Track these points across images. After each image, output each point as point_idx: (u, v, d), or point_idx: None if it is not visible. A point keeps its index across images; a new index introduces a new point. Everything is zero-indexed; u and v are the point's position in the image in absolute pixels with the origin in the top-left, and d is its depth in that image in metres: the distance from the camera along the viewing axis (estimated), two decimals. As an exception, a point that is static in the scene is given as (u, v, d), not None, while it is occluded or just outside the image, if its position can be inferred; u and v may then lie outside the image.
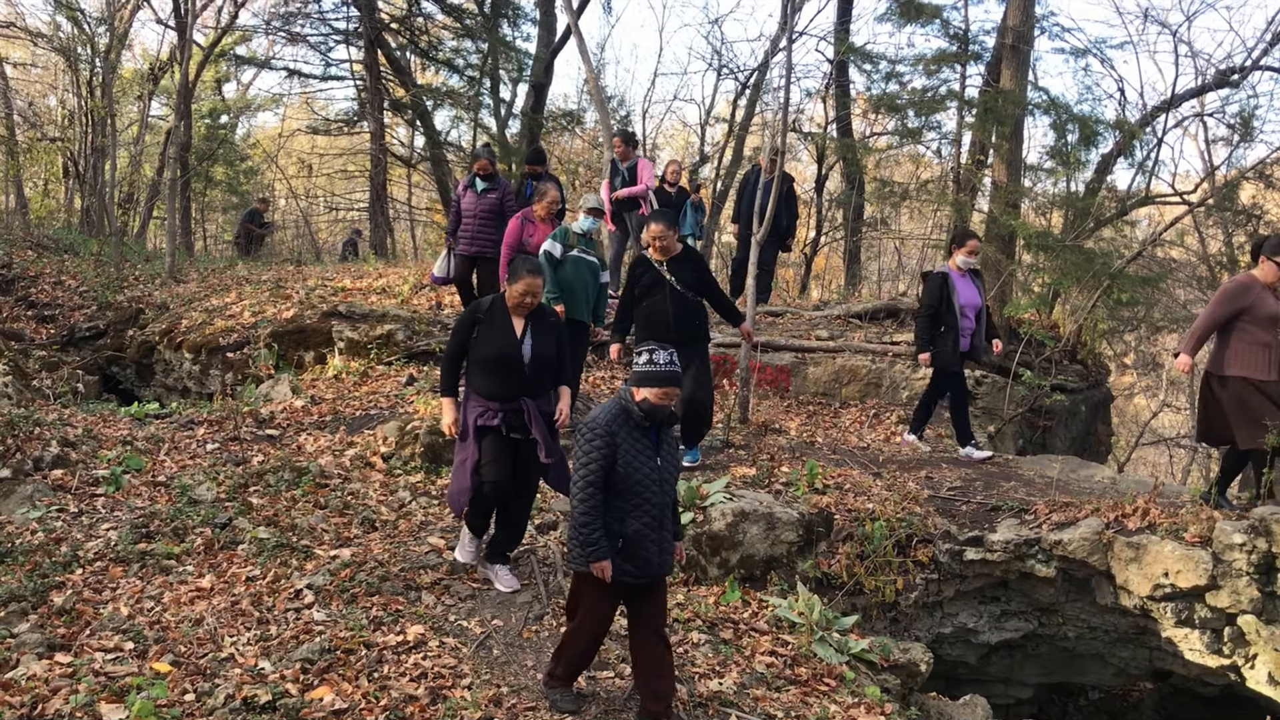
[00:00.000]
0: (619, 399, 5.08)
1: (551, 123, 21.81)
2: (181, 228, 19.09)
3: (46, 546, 6.27)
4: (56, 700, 4.56)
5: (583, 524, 4.91)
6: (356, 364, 10.91)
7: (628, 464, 4.94)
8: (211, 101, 26.28)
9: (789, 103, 11.63)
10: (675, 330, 7.99)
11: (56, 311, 13.44)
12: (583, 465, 4.93)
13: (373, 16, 19.73)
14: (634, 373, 5.07)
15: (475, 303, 6.25)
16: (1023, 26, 12.02)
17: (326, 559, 6.39)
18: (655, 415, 5.02)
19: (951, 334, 9.15)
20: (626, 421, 5.00)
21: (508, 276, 6.16)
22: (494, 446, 6.04)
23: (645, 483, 4.97)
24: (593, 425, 4.98)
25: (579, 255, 8.67)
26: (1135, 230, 16.56)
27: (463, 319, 6.23)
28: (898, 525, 7.63)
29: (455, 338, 6.22)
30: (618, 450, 4.92)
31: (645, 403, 4.99)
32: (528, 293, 6.08)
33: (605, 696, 5.31)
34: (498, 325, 6.11)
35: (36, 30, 22.41)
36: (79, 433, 8.43)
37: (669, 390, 5.01)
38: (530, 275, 6.09)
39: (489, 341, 6.07)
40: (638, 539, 4.95)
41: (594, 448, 4.92)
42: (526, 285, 6.07)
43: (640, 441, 5.01)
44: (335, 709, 4.72)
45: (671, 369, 5.02)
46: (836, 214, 21.02)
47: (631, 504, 4.96)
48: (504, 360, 6.05)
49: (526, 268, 6.09)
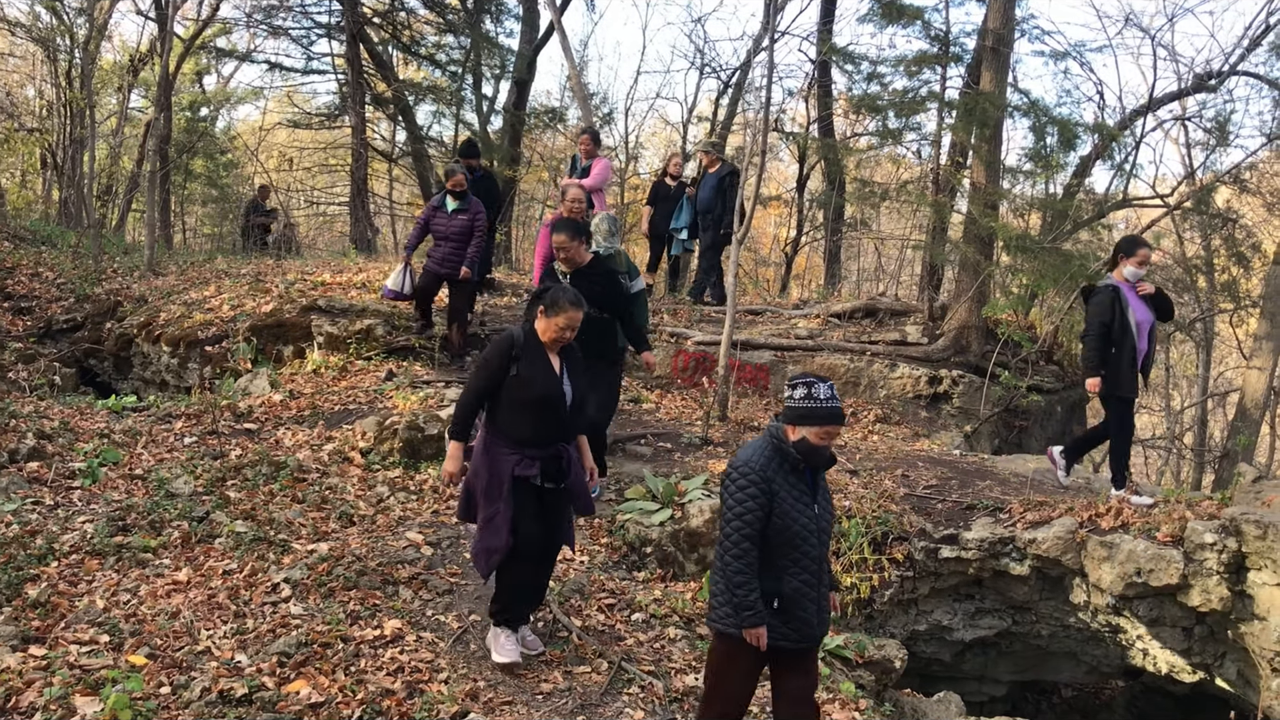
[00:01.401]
0: (771, 438, 4.50)
1: (534, 119, 21.78)
2: (161, 221, 18.97)
3: (21, 539, 6.24)
4: (30, 693, 4.55)
5: (738, 584, 4.33)
6: (335, 359, 10.88)
7: (784, 513, 4.37)
8: (191, 94, 26.09)
9: (770, 102, 11.67)
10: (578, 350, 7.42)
11: (33, 303, 13.34)
12: (736, 516, 4.35)
13: (355, 11, 19.65)
14: (788, 409, 4.49)
15: (509, 335, 5.44)
16: (1003, 29, 12.07)
17: (304, 553, 6.39)
18: (815, 457, 4.45)
19: (1125, 356, 7.85)
20: (782, 464, 4.44)
21: (545, 307, 5.42)
22: (530, 499, 5.39)
23: (803, 534, 4.41)
24: (744, 469, 4.41)
25: None
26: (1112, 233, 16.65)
27: (498, 353, 5.40)
28: (874, 523, 7.69)
29: (485, 374, 5.40)
30: (774, 498, 4.37)
31: (803, 443, 4.42)
32: (568, 327, 5.40)
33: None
34: (536, 362, 5.39)
35: (15, 20, 22.22)
36: (55, 425, 8.39)
37: (831, 429, 4.46)
38: (573, 308, 5.40)
39: (528, 381, 5.34)
40: (795, 598, 4.41)
41: (748, 495, 4.35)
42: (568, 319, 5.39)
43: (797, 487, 4.45)
44: (312, 703, 4.73)
45: (834, 405, 4.43)
46: (817, 214, 21.08)
47: (789, 558, 4.41)
48: (546, 402, 5.36)
49: (568, 299, 5.42)
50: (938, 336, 12.25)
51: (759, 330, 12.72)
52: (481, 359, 5.50)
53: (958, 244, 13.21)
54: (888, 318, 13.00)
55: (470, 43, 20.56)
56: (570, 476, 5.50)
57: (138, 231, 24.23)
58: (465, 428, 5.47)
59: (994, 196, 12.26)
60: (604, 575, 6.81)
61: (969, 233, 12.49)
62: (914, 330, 12.48)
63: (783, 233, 24.36)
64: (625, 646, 5.91)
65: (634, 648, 5.95)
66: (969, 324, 12.09)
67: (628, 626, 6.20)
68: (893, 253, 24.12)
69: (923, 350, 12.06)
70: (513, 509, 5.30)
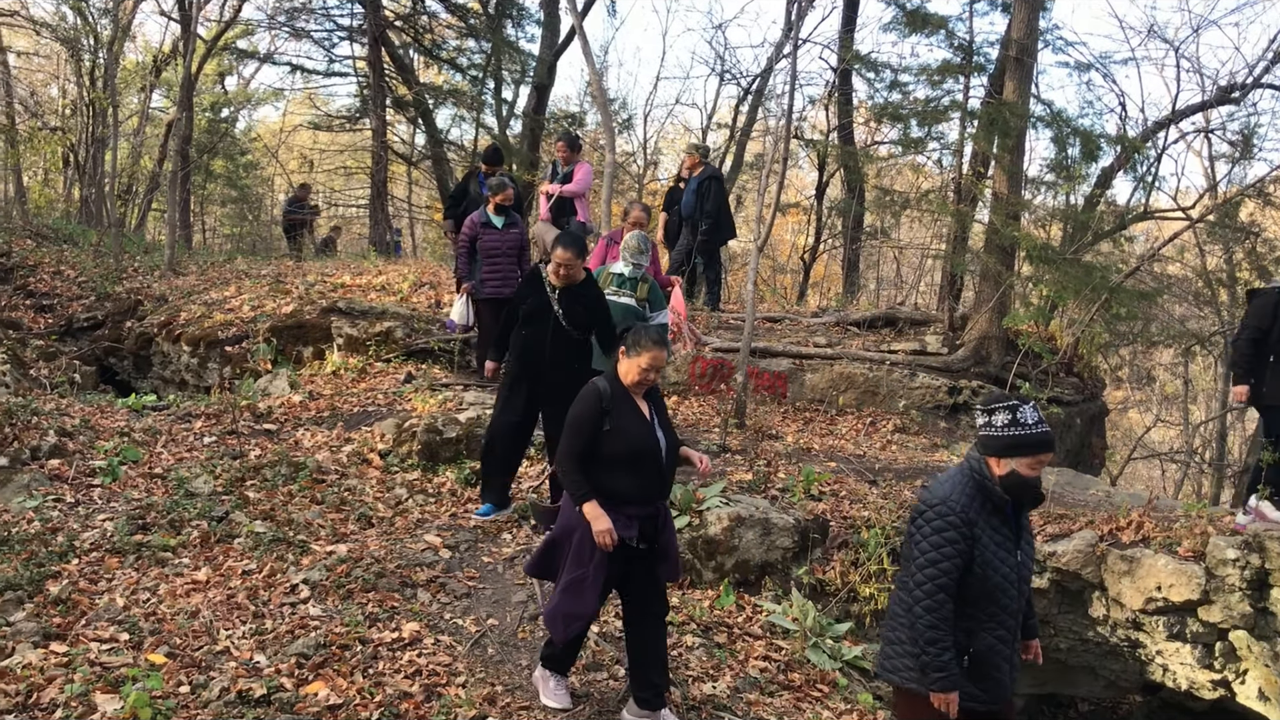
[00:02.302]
0: (970, 472, 3.96)
1: (553, 124, 21.81)
2: (181, 220, 19.05)
3: (43, 536, 6.28)
4: (52, 689, 4.56)
5: (930, 640, 3.83)
6: (355, 360, 10.91)
7: (985, 561, 3.85)
8: (213, 95, 26.24)
9: (793, 109, 11.65)
10: (550, 369, 6.91)
11: (55, 301, 13.42)
12: (930, 563, 3.84)
13: (377, 14, 19.71)
14: (989, 439, 3.95)
15: (595, 389, 4.96)
16: (1027, 39, 12.03)
17: (323, 554, 6.39)
18: (1026, 493, 3.91)
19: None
20: (984, 504, 3.91)
21: (627, 348, 5.01)
22: (618, 562, 4.93)
23: (1004, 585, 3.89)
24: (943, 508, 3.88)
25: (611, 299, 7.59)
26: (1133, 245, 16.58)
27: (588, 409, 4.91)
28: (893, 534, 7.65)
29: (581, 434, 4.88)
30: (975, 543, 3.84)
31: (1012, 477, 3.87)
32: (652, 367, 4.94)
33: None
34: (627, 412, 4.94)
35: (41, 20, 22.38)
36: (76, 423, 8.43)
37: (1044, 458, 3.93)
38: (657, 346, 4.96)
39: (624, 433, 4.88)
40: (989, 656, 3.92)
41: (947, 540, 3.83)
42: (652, 359, 4.94)
43: (1000, 530, 3.92)
44: (330, 704, 4.73)
45: (1045, 430, 3.91)
46: (836, 222, 21.05)
47: (985, 612, 3.90)
48: (644, 455, 4.92)
49: (651, 337, 4.98)
50: (958, 346, 12.20)
51: (777, 337, 12.69)
52: (572, 418, 4.95)
53: (979, 254, 13.15)
54: (907, 327, 12.96)
55: (491, 47, 20.61)
56: (665, 536, 5.07)
57: (158, 231, 24.39)
58: (588, 486, 4.85)
59: (1016, 206, 12.21)
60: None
61: (990, 243, 12.43)
62: (934, 340, 12.43)
63: (801, 240, 24.31)
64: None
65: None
66: (989, 334, 12.03)
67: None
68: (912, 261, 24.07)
69: (942, 360, 12.01)
70: (604, 573, 4.85)
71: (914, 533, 3.97)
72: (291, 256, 17.51)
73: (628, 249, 7.87)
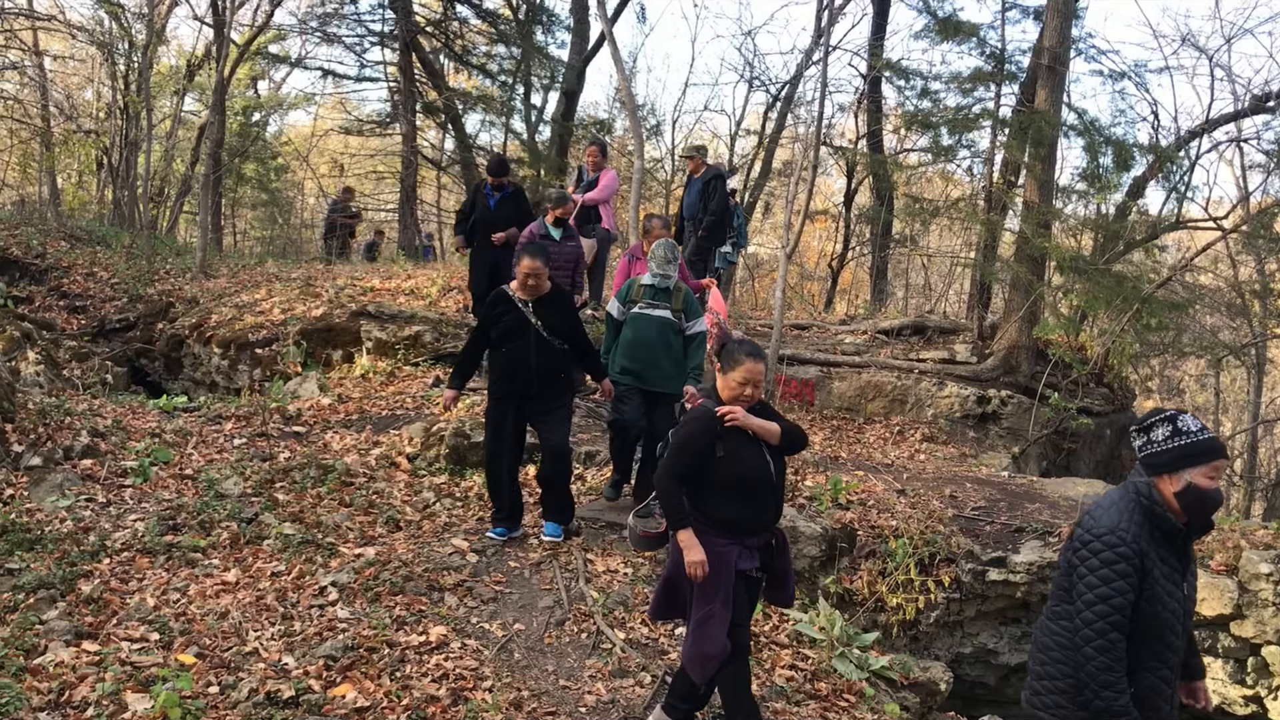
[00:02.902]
0: (1137, 497, 3.60)
1: (582, 130, 21.86)
2: (212, 223, 19.21)
3: (75, 535, 6.33)
4: (83, 688, 4.60)
5: (1104, 684, 3.47)
6: (384, 364, 10.96)
7: (1154, 597, 3.49)
8: (245, 99, 26.46)
9: (823, 116, 11.62)
10: (538, 384, 6.74)
11: (88, 303, 13.55)
12: (1101, 599, 3.47)
13: (408, 20, 19.81)
14: (1154, 455, 3.60)
15: (707, 411, 4.68)
16: (1059, 48, 11.97)
17: (351, 557, 6.42)
18: (1206, 507, 3.53)
19: None
20: (1154, 532, 3.55)
21: (722, 364, 4.75)
22: (742, 593, 4.73)
23: (1170, 621, 3.54)
24: (1111, 539, 3.51)
25: (643, 312, 7.34)
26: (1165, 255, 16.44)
27: (701, 432, 4.64)
28: (921, 544, 7.62)
29: (688, 457, 4.62)
30: (1145, 576, 3.49)
31: (1189, 491, 3.50)
32: (749, 382, 4.66)
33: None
34: (737, 436, 4.63)
35: (78, 24, 22.64)
36: (108, 423, 8.49)
37: (1220, 464, 3.55)
38: (751, 359, 4.67)
39: (736, 460, 4.60)
40: (1150, 697, 3.58)
41: (1118, 574, 3.47)
42: (747, 373, 4.65)
43: (1168, 561, 3.55)
44: (357, 707, 4.74)
45: (1211, 435, 3.56)
46: (864, 229, 20.99)
47: (1148, 650, 3.55)
48: (759, 485, 4.66)
49: (746, 350, 4.72)
50: (987, 356, 12.14)
51: (805, 345, 12.66)
52: (681, 440, 4.69)
53: (1008, 262, 13.09)
54: (936, 335, 12.91)
55: (521, 52, 20.67)
56: (782, 561, 4.85)
57: (190, 233, 24.60)
58: (685, 514, 4.61)
59: (1047, 215, 12.14)
60: (648, 588, 6.78)
61: (1020, 251, 12.37)
62: (963, 349, 12.37)
63: (829, 247, 24.25)
64: (669, 660, 5.88)
65: (677, 661, 5.91)
66: (1019, 344, 11.97)
67: (671, 640, 6.16)
68: (941, 270, 23.97)
69: (971, 369, 11.95)
70: (731, 607, 4.60)
71: (1078, 564, 3.60)
72: (325, 259, 17.60)
73: (655, 259, 7.47)
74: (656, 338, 7.31)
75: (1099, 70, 22.36)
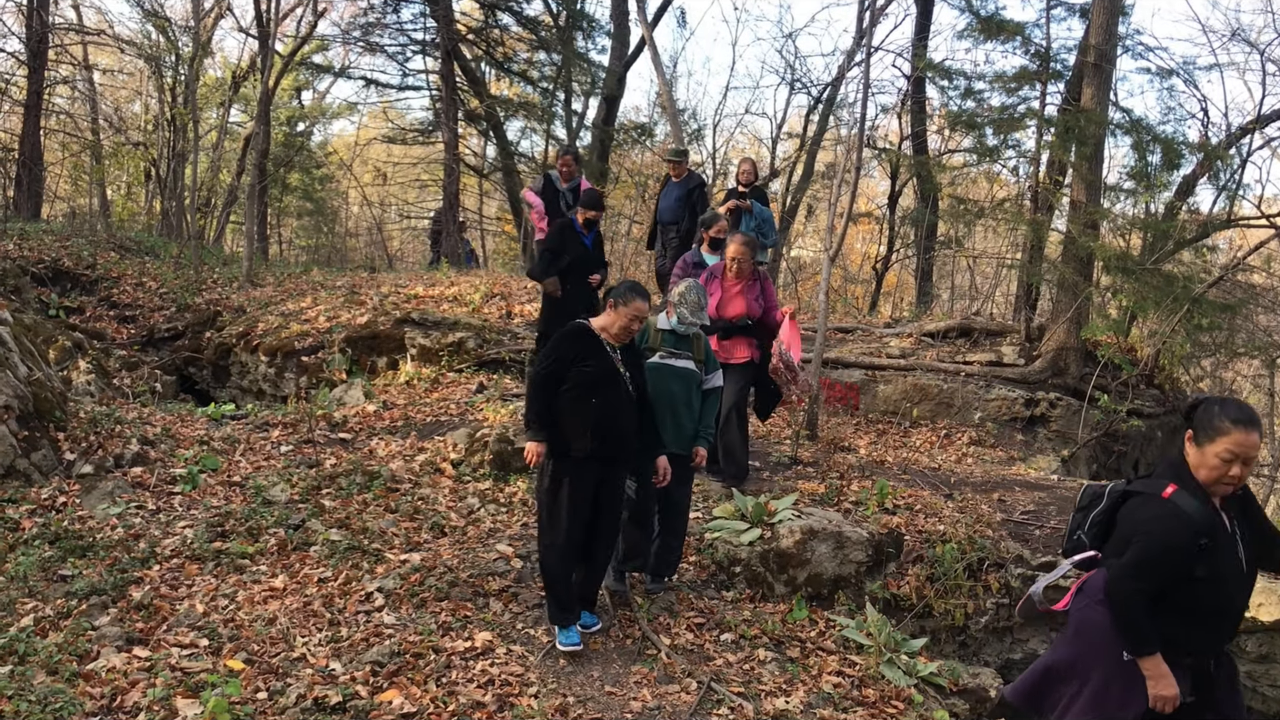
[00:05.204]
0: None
1: (622, 135, 21.89)
2: (258, 233, 19.43)
3: (126, 542, 6.41)
4: (135, 693, 4.65)
5: None
6: (428, 370, 11.02)
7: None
8: (289, 109, 26.76)
9: (865, 118, 11.54)
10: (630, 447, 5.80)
11: (137, 312, 13.74)
12: None
13: (450, 28, 19.93)
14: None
15: (1181, 511, 3.82)
16: (1105, 45, 11.81)
17: (397, 563, 6.44)
18: None
19: None
20: None
21: (1197, 432, 3.89)
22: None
23: None
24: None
25: (664, 362, 6.41)
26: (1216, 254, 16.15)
27: (1183, 542, 3.79)
28: (969, 548, 7.52)
29: (1163, 571, 3.86)
30: None
31: None
32: (1236, 459, 3.80)
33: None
34: (1223, 548, 3.88)
35: (126, 38, 23.01)
36: (158, 431, 8.60)
37: None
38: (1243, 428, 3.78)
39: (1220, 582, 3.88)
40: None
41: None
42: (1236, 446, 3.77)
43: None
44: (404, 712, 4.76)
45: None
46: (908, 231, 20.83)
47: None
48: (1229, 610, 4.00)
49: (1232, 416, 3.83)
50: (1035, 358, 11.99)
51: (849, 349, 12.57)
52: (1160, 549, 3.87)
53: (1055, 263, 12.92)
54: (983, 338, 12.77)
55: (562, 59, 20.74)
56: (1224, 693, 4.08)
57: (236, 243, 24.91)
58: (1154, 640, 3.91)
59: (1094, 215, 11.97)
60: (692, 594, 6.75)
61: (1068, 252, 12.21)
62: (1010, 351, 12.23)
63: (873, 249, 24.10)
64: (714, 667, 5.85)
65: (723, 668, 5.88)
66: (1067, 345, 11.81)
67: (717, 647, 6.13)
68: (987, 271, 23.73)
69: (1019, 372, 11.81)
70: None
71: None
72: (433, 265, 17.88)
73: (687, 304, 6.45)
74: (680, 392, 6.42)
75: (1146, 68, 22.15)
